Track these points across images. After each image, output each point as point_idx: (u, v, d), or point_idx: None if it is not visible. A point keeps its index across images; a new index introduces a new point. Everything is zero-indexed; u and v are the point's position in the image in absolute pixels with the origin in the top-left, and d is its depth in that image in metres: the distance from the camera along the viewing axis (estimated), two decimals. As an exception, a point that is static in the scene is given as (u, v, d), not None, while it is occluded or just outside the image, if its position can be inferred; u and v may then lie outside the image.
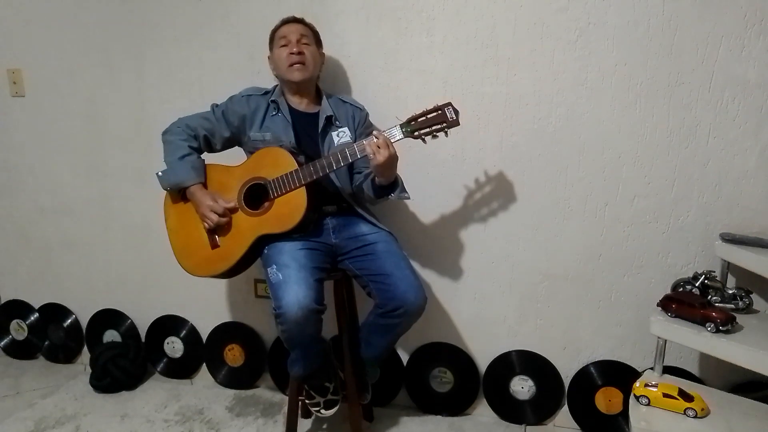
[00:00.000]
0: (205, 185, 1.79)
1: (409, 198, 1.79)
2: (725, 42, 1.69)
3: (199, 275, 1.81)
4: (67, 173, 2.44)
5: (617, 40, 1.77)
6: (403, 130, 1.63)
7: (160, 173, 1.80)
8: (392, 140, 1.62)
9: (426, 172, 2.02)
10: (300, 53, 1.76)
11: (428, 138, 1.63)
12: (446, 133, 1.62)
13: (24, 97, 2.42)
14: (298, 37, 1.78)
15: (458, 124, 1.61)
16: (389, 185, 1.71)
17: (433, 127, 1.61)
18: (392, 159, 1.62)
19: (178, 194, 1.82)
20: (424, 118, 1.62)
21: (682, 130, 1.78)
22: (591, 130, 1.85)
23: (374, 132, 1.64)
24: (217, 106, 1.85)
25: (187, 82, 2.19)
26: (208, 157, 1.86)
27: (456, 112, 1.60)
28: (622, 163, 1.85)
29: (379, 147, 1.59)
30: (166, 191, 1.84)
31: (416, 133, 1.62)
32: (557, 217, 1.94)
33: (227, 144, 1.87)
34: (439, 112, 1.61)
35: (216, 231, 1.77)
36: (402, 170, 2.04)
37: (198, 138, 1.83)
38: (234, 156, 1.87)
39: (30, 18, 2.33)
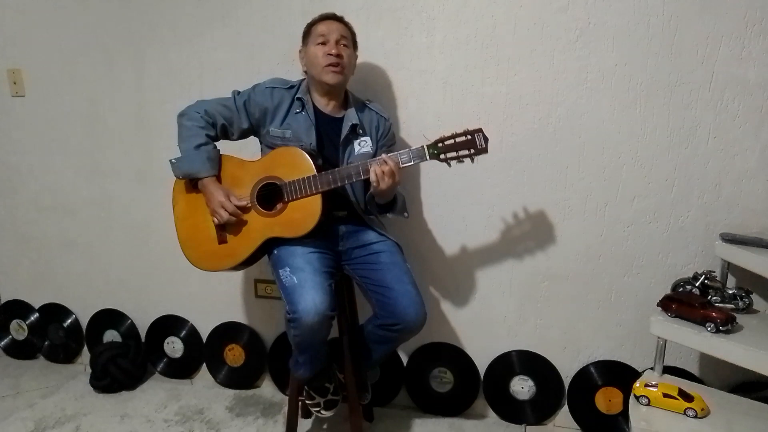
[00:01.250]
0: (218, 178, 1.74)
1: (406, 218, 1.79)
2: (725, 42, 1.69)
3: (203, 268, 1.78)
4: (67, 173, 2.44)
5: (617, 40, 1.77)
6: (430, 152, 1.57)
7: (173, 160, 1.73)
8: (420, 161, 1.59)
9: (426, 172, 2.02)
10: (338, 55, 1.67)
11: (454, 162, 1.58)
12: (473, 159, 1.57)
13: (24, 97, 2.42)
14: (338, 37, 1.70)
15: (486, 152, 1.56)
16: (386, 204, 1.70)
17: (461, 153, 1.56)
18: (394, 186, 1.59)
19: (190, 182, 1.76)
20: (452, 141, 1.56)
21: (682, 130, 1.78)
22: (591, 130, 1.85)
23: (383, 156, 1.58)
24: (239, 93, 1.77)
25: (187, 82, 2.19)
26: (223, 147, 1.80)
27: (486, 139, 1.56)
28: (622, 163, 1.85)
29: (383, 173, 1.55)
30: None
31: (442, 156, 1.57)
32: (557, 217, 1.94)
33: (244, 135, 1.80)
34: (469, 137, 1.56)
35: (225, 227, 1.73)
36: (404, 170, 2.04)
37: (216, 126, 1.74)
38: (249, 144, 1.84)
39: (30, 18, 2.33)
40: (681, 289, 1.71)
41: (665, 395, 1.52)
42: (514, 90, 1.89)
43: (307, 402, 1.85)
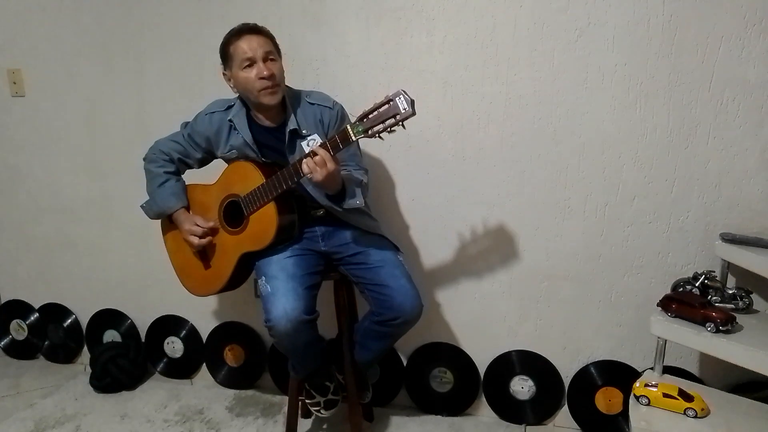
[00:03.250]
0: (188, 208, 1.81)
1: (360, 205, 1.65)
2: (725, 42, 1.69)
3: (200, 294, 1.86)
4: (67, 173, 2.44)
5: (617, 40, 1.77)
6: (355, 131, 1.44)
7: (144, 204, 1.83)
8: (347, 143, 1.46)
9: (426, 172, 2.02)
10: (271, 76, 1.60)
11: (385, 134, 1.43)
12: (403, 125, 1.42)
13: (24, 97, 2.42)
14: (263, 54, 1.61)
15: (413, 114, 1.38)
16: (336, 195, 1.61)
17: (387, 122, 1.40)
18: (332, 175, 1.49)
19: (167, 219, 1.84)
20: (376, 113, 1.42)
21: (682, 130, 1.78)
22: (591, 130, 1.85)
23: (314, 148, 1.49)
24: (185, 125, 1.83)
25: (187, 82, 2.19)
26: (190, 174, 1.86)
27: (409, 101, 1.38)
28: (622, 163, 1.85)
29: (316, 165, 1.47)
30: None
31: (369, 132, 1.43)
32: (557, 217, 1.94)
33: (203, 163, 1.86)
34: (390, 103, 1.40)
35: (205, 251, 1.79)
36: (402, 170, 2.05)
37: (173, 161, 1.82)
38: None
39: (30, 18, 2.33)
40: (681, 289, 1.71)
41: (665, 395, 1.52)
42: (514, 90, 1.89)
43: (307, 401, 1.85)
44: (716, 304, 1.60)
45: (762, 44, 1.67)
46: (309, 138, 1.70)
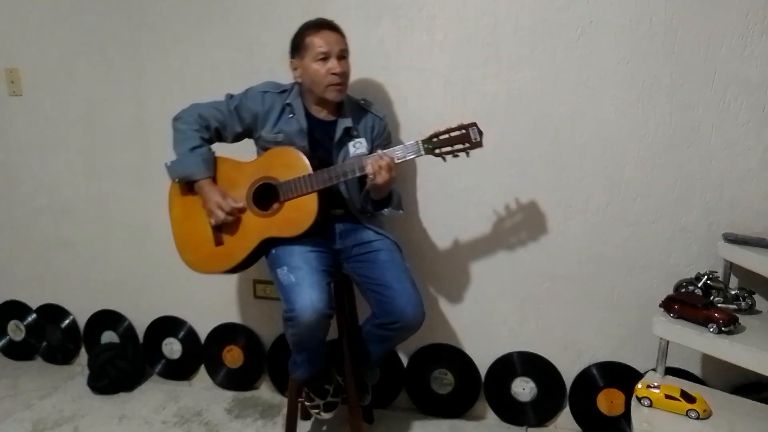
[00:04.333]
0: (214, 180, 1.74)
1: (401, 215, 1.77)
2: (727, 41, 1.69)
3: (201, 271, 1.79)
4: (65, 173, 2.43)
5: (619, 39, 1.76)
6: (425, 146, 1.58)
7: (168, 163, 1.75)
8: (415, 156, 1.59)
9: (426, 172, 2.01)
10: (343, 73, 1.66)
11: (449, 157, 1.59)
12: (467, 153, 1.58)
13: (21, 97, 2.41)
14: (339, 51, 1.66)
15: (481, 145, 1.57)
16: (381, 200, 1.69)
17: (456, 147, 1.57)
18: (391, 181, 1.59)
19: (186, 185, 1.77)
20: (447, 136, 1.57)
21: (684, 129, 1.77)
22: (593, 129, 1.84)
23: (379, 151, 1.59)
24: (231, 97, 1.77)
25: (187, 82, 2.18)
26: (220, 149, 1.81)
27: (480, 133, 1.56)
28: (623, 162, 1.84)
29: (381, 168, 1.55)
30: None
31: (437, 151, 1.58)
32: (559, 218, 1.93)
33: (238, 138, 1.80)
34: (464, 131, 1.57)
35: (222, 228, 1.74)
36: (402, 170, 2.03)
37: (210, 129, 1.76)
38: (245, 147, 1.84)
39: (28, 17, 2.32)
40: (683, 290, 1.70)
41: (667, 396, 1.52)
42: (515, 89, 1.88)
43: (306, 404, 1.84)
44: (719, 305, 1.59)
45: (764, 43, 1.66)
46: (357, 140, 1.74)
